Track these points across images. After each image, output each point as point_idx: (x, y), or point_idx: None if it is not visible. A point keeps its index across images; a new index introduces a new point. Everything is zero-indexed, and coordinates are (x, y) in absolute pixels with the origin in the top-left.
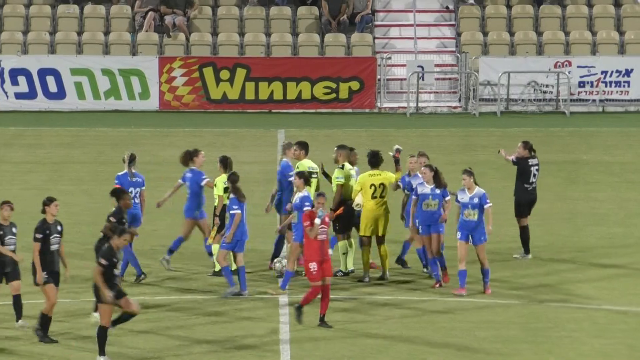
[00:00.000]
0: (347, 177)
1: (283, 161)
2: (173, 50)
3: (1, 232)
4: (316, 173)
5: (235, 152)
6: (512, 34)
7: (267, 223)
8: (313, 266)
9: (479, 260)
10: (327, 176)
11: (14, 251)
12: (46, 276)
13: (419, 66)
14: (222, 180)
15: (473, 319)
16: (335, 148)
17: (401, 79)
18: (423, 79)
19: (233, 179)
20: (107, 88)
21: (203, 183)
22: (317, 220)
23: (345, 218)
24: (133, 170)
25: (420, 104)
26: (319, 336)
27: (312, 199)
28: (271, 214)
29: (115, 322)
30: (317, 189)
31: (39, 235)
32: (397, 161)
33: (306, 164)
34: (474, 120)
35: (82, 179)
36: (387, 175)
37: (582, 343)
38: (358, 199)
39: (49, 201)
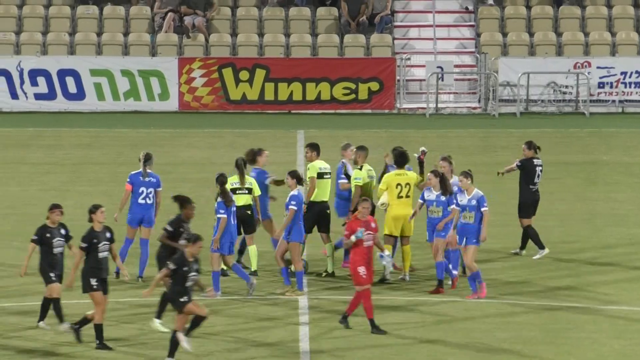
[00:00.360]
0: (365, 178)
1: (339, 163)
2: (192, 51)
3: (49, 235)
4: (329, 173)
5: None
6: (531, 34)
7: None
8: (362, 270)
9: (466, 264)
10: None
11: (61, 253)
12: (96, 283)
13: (438, 67)
14: (232, 180)
15: (492, 320)
16: (354, 149)
17: (420, 80)
18: (442, 80)
19: (222, 180)
20: (126, 89)
21: (268, 181)
22: (353, 237)
23: None
24: (148, 170)
25: (439, 105)
26: (339, 336)
27: (303, 198)
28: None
29: (190, 329)
30: (329, 189)
31: (84, 245)
32: (421, 163)
33: (317, 165)
34: (494, 121)
35: (101, 180)
36: (412, 175)
37: (601, 344)
38: (383, 199)
39: (94, 208)
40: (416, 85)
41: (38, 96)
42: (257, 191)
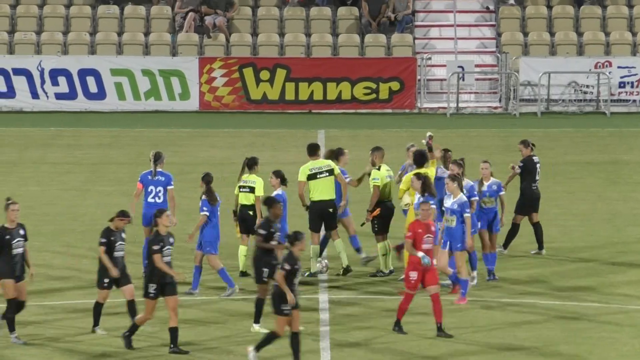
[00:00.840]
0: (384, 178)
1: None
2: (213, 51)
3: (113, 238)
4: (325, 172)
5: (275, 152)
6: (552, 34)
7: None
8: (413, 275)
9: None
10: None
11: (123, 257)
12: (154, 291)
13: (459, 66)
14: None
15: (513, 319)
16: (370, 150)
17: (441, 80)
18: (463, 80)
19: (208, 179)
20: (147, 89)
21: (347, 181)
22: (424, 261)
23: (383, 219)
24: (158, 169)
25: (460, 105)
26: (359, 336)
27: (286, 198)
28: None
29: (260, 346)
30: (327, 188)
31: (155, 247)
32: (429, 148)
33: (309, 166)
34: (515, 121)
35: (121, 180)
36: (432, 173)
37: (623, 344)
38: (406, 199)
39: (159, 213)
40: (437, 85)
41: (59, 96)
42: (260, 191)
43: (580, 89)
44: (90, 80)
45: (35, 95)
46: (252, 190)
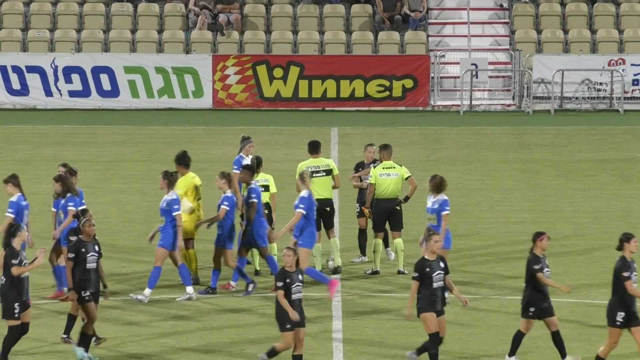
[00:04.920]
0: (376, 176)
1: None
2: (226, 49)
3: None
4: (323, 171)
5: (289, 150)
6: (566, 31)
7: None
8: None
9: None
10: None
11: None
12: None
13: (472, 64)
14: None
15: None
16: (378, 148)
17: (455, 77)
18: (477, 77)
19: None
20: (160, 86)
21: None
22: None
23: (375, 217)
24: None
25: (473, 102)
26: (372, 334)
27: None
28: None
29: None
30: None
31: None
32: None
33: (305, 164)
34: (528, 119)
35: (135, 178)
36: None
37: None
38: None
39: (538, 234)
40: (450, 83)
41: (72, 93)
42: (273, 188)
43: (594, 86)
44: (104, 78)
45: (49, 92)
46: (266, 188)
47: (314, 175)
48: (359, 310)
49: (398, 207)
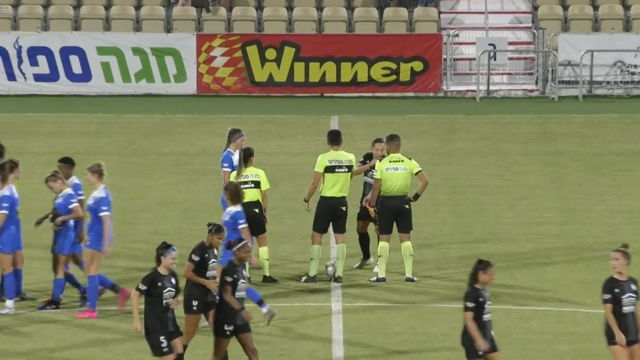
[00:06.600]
0: (382, 171)
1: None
2: (213, 27)
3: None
4: (344, 167)
5: (282, 141)
6: (595, 7)
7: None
8: None
9: None
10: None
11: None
12: None
13: (490, 44)
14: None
15: (552, 329)
16: (385, 139)
17: (470, 59)
18: (495, 59)
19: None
20: (137, 69)
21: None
22: None
23: (382, 217)
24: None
25: (491, 87)
26: (377, 353)
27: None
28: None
29: None
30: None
31: None
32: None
33: (327, 157)
34: (553, 105)
35: (110, 172)
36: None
37: None
38: None
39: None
40: (465, 65)
41: (38, 77)
42: (265, 185)
43: (627, 69)
44: (74, 60)
45: (11, 76)
46: (256, 184)
47: (336, 170)
48: (362, 324)
49: (407, 206)
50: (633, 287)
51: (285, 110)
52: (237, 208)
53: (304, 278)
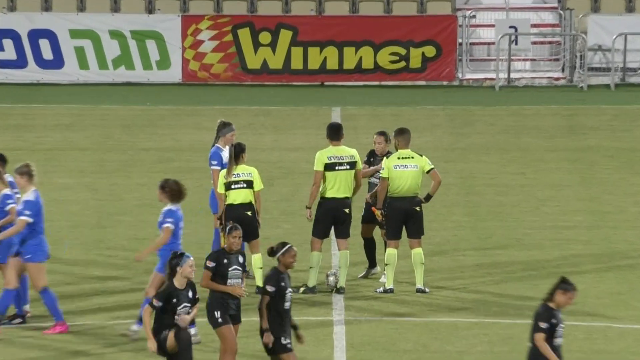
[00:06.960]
0: (390, 169)
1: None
2: (200, 7)
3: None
4: (346, 164)
5: (278, 135)
6: None
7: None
8: None
9: None
10: None
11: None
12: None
13: (511, 27)
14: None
15: (579, 347)
16: (393, 133)
17: (488, 44)
18: (516, 43)
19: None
20: (115, 55)
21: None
22: None
23: (390, 221)
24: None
25: (512, 75)
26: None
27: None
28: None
29: None
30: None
31: None
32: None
33: (326, 153)
34: (582, 95)
35: (84, 170)
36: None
37: None
38: None
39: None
40: (483, 51)
41: (4, 64)
42: (259, 184)
43: None
44: (44, 44)
45: None
46: (248, 184)
47: (336, 167)
48: (367, 340)
49: (418, 208)
50: None
51: (281, 101)
52: (174, 207)
53: (302, 289)
